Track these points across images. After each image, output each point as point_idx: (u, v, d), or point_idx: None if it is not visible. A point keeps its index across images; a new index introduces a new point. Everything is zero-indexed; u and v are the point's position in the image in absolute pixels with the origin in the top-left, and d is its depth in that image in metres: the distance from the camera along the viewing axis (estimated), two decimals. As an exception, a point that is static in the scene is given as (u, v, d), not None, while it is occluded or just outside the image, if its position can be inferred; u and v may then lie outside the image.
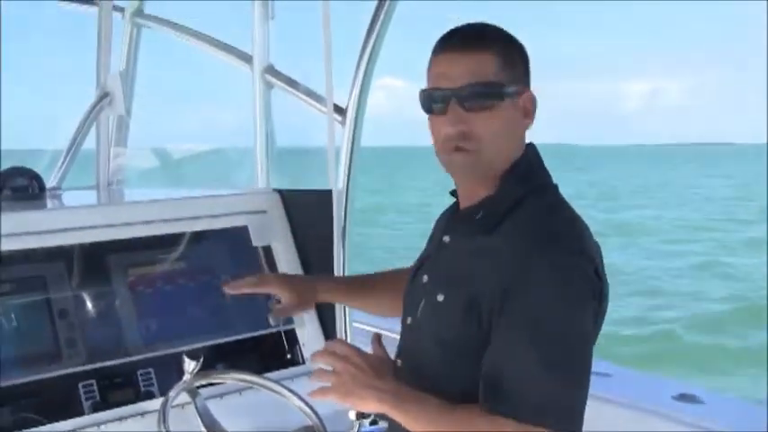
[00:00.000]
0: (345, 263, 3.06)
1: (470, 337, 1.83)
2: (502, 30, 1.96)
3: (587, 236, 1.88)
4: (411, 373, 1.98)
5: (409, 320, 2.06)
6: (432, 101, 1.93)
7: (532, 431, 1.69)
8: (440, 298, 1.91)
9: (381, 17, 3.00)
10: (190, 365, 2.55)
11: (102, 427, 2.70)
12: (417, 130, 2.10)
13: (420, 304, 1.99)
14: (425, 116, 1.98)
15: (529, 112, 1.96)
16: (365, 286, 2.59)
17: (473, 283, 1.84)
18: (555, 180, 2.01)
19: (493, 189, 1.93)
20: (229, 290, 2.54)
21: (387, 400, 1.83)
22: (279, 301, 2.52)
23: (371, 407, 1.86)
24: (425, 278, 2.04)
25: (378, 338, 2.04)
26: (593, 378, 1.82)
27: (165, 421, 2.42)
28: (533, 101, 1.96)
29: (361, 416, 2.57)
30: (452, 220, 2.08)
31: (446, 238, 2.03)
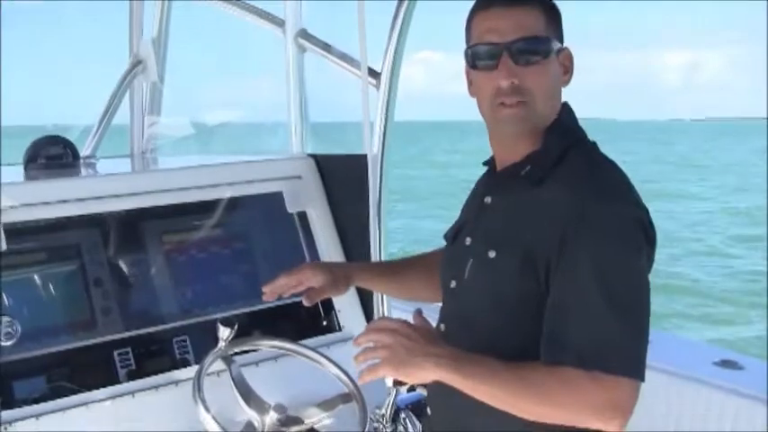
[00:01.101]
0: (382, 227, 3.02)
1: (527, 292, 1.82)
2: None
3: (634, 186, 1.89)
4: (458, 335, 1.96)
5: (453, 284, 2.04)
6: (481, 56, 1.93)
7: (602, 380, 1.67)
8: (492, 254, 1.90)
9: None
10: (224, 333, 2.53)
11: (138, 395, 2.69)
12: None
13: (467, 265, 1.98)
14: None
15: (567, 69, 1.98)
16: (399, 272, 2.57)
17: (526, 235, 1.83)
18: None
19: (536, 145, 1.94)
20: (267, 297, 2.50)
21: (445, 365, 1.76)
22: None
23: (430, 374, 1.78)
24: (468, 240, 2.03)
25: (419, 312, 2.00)
26: None
27: (199, 389, 2.40)
28: (571, 58, 1.98)
29: (398, 383, 2.54)
30: (492, 181, 2.07)
31: (488, 199, 2.03)
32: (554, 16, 1.95)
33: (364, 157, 2.99)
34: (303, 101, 3.60)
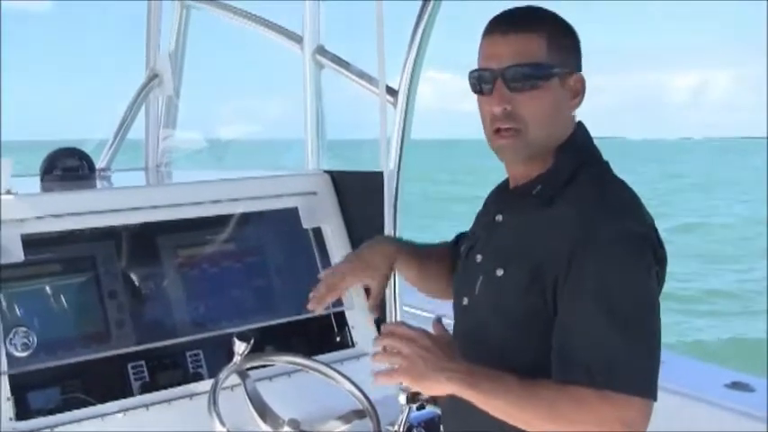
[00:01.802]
0: (396, 245, 3.01)
1: (534, 309, 1.82)
2: (552, 12, 1.96)
3: (643, 205, 1.89)
4: (470, 351, 1.93)
5: (465, 301, 2.04)
6: (480, 81, 1.94)
7: (613, 399, 1.66)
8: (499, 272, 1.90)
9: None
10: (240, 347, 2.52)
11: (151, 408, 2.69)
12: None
13: (477, 282, 1.97)
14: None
15: (578, 93, 1.96)
16: (423, 262, 2.38)
17: (535, 253, 1.83)
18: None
19: (547, 164, 1.94)
20: (312, 307, 2.32)
21: (458, 380, 1.77)
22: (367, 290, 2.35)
23: (446, 390, 1.79)
24: (479, 258, 2.02)
25: (439, 321, 1.97)
26: None
27: (215, 403, 2.40)
28: (582, 82, 1.97)
29: (411, 400, 2.53)
30: (504, 199, 2.07)
31: (499, 217, 2.02)
32: (562, 41, 1.94)
33: (380, 173, 3.00)
34: (320, 117, 3.61)
